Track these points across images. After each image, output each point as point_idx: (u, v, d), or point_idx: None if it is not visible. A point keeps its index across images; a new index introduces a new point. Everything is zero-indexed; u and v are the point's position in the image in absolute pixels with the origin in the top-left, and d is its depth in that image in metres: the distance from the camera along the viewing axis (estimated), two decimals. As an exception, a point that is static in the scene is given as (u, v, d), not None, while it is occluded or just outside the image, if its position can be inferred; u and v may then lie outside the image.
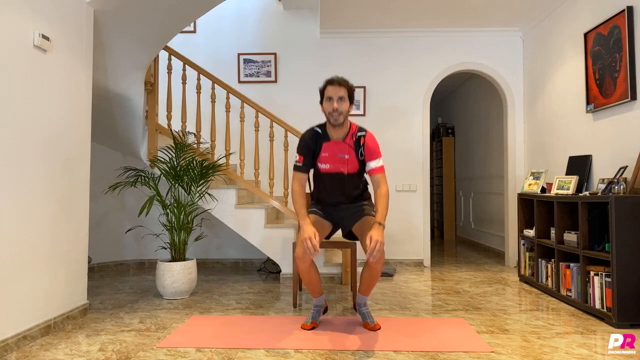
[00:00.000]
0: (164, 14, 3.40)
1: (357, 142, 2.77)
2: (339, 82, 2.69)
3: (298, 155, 2.80)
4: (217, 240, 5.04)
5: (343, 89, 2.68)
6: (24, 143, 2.50)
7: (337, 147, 2.77)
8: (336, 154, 2.77)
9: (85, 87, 3.10)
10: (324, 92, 2.73)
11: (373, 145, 2.78)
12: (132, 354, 2.37)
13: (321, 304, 2.95)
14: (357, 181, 2.88)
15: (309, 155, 2.79)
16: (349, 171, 2.79)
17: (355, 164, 2.79)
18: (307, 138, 2.80)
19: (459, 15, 4.85)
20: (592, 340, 2.59)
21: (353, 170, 2.80)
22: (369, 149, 2.77)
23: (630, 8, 3.34)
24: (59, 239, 2.81)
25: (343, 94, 2.67)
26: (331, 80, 2.71)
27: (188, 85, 4.59)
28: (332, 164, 2.79)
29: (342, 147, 2.77)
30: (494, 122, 5.97)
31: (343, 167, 2.79)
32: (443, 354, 2.37)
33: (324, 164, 2.80)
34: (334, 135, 2.78)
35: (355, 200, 2.92)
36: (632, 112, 3.35)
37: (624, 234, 2.84)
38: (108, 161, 4.71)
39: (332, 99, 2.66)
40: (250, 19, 5.32)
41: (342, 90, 2.68)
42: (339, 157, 2.77)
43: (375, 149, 2.78)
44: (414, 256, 5.22)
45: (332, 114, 2.67)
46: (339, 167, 2.79)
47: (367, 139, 2.78)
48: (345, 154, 2.77)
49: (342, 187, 2.85)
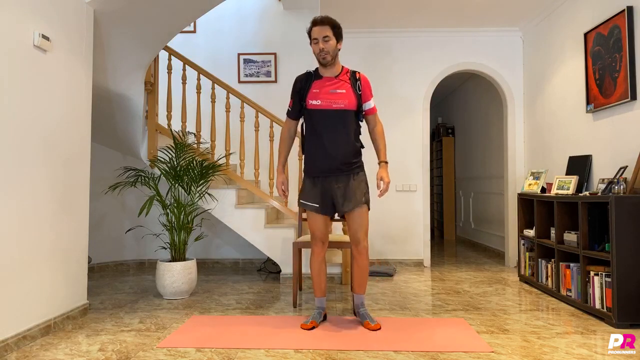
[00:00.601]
0: (164, 14, 3.40)
1: (353, 76, 2.77)
2: (322, 21, 2.68)
3: (290, 99, 2.84)
4: (217, 240, 5.04)
5: (327, 28, 2.67)
6: (24, 143, 2.50)
7: (329, 83, 2.74)
8: (328, 90, 2.72)
9: (85, 87, 3.10)
10: (311, 34, 2.71)
11: (368, 83, 2.80)
12: (132, 354, 2.37)
13: (323, 306, 2.95)
14: (351, 127, 2.75)
15: (297, 97, 2.79)
16: (344, 107, 2.70)
17: (353, 98, 2.72)
18: (298, 80, 2.81)
19: (459, 15, 4.85)
20: (592, 340, 2.59)
21: (349, 105, 2.71)
22: (365, 84, 2.77)
23: (630, 8, 3.34)
24: (59, 239, 2.81)
25: (328, 33, 2.67)
26: (315, 21, 2.70)
27: (188, 85, 4.59)
28: (323, 100, 2.70)
29: (335, 83, 2.74)
30: (494, 122, 5.97)
31: (337, 103, 2.70)
32: (443, 354, 2.37)
33: (314, 99, 2.71)
34: (326, 73, 2.77)
35: (350, 165, 2.74)
36: (632, 112, 3.35)
37: (624, 234, 2.84)
38: (108, 161, 4.71)
39: (317, 40, 2.67)
40: (250, 19, 5.32)
41: (327, 30, 2.67)
42: (331, 92, 2.71)
43: (369, 87, 2.81)
44: (414, 256, 5.22)
45: (320, 54, 2.68)
46: (331, 103, 2.69)
47: (362, 76, 2.79)
48: (341, 89, 2.72)
49: (333, 131, 2.70)
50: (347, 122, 2.73)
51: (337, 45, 2.72)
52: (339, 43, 2.73)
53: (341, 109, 2.70)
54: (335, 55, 2.72)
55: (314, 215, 2.81)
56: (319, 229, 2.81)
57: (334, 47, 2.69)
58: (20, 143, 2.47)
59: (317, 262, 2.86)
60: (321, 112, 2.71)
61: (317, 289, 2.91)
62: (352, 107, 2.73)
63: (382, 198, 5.23)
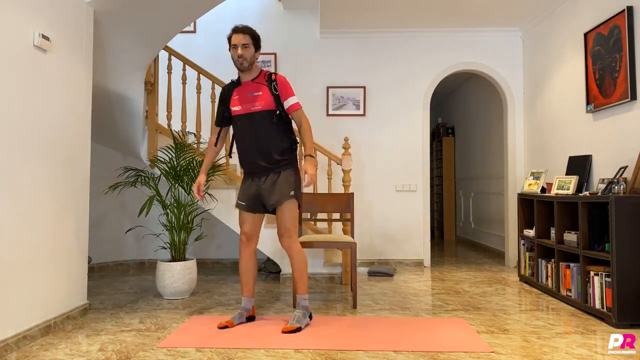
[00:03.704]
0: (164, 14, 3.40)
1: (269, 79, 2.87)
2: (243, 30, 2.81)
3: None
4: (217, 240, 5.04)
5: (247, 37, 2.80)
6: (24, 143, 2.50)
7: (247, 87, 2.87)
8: (246, 94, 2.85)
9: (85, 87, 3.10)
10: (230, 40, 2.83)
11: (285, 82, 2.87)
12: (132, 354, 2.37)
13: (248, 307, 2.95)
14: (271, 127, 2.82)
15: (222, 106, 2.94)
16: (262, 107, 2.81)
17: (270, 99, 2.81)
18: (223, 90, 2.96)
19: (459, 15, 4.85)
20: (592, 340, 2.59)
21: (267, 106, 2.80)
22: (281, 84, 2.85)
23: (630, 8, 3.34)
24: (59, 239, 2.81)
25: (247, 42, 2.79)
26: (235, 29, 2.83)
27: (188, 85, 4.59)
28: (243, 105, 2.85)
29: (252, 87, 2.86)
30: (494, 122, 5.97)
31: (255, 105, 2.81)
32: (443, 354, 2.37)
33: (235, 106, 2.87)
34: (245, 78, 2.90)
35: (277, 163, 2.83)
36: (632, 112, 3.35)
37: (624, 234, 2.84)
38: (108, 161, 4.71)
39: (236, 47, 2.79)
40: (250, 19, 5.31)
41: (246, 38, 2.80)
42: (249, 96, 2.84)
43: (287, 85, 2.87)
44: (414, 256, 5.22)
45: (237, 60, 2.81)
46: (250, 106, 2.83)
47: (279, 77, 2.88)
48: (257, 91, 2.84)
49: (254, 133, 2.82)
50: (268, 123, 2.83)
51: (255, 53, 2.86)
52: (257, 52, 2.88)
53: (259, 111, 2.82)
54: (253, 62, 2.86)
55: (241, 212, 2.94)
56: (248, 225, 2.92)
57: (251, 55, 2.83)
58: (21, 143, 2.47)
59: (243, 260, 2.94)
60: (242, 116, 2.86)
61: (244, 288, 2.96)
62: (270, 107, 2.82)
63: (383, 198, 5.23)
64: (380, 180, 5.27)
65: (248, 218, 2.92)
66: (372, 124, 5.27)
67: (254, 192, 2.88)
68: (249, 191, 2.90)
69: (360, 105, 5.29)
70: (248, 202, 2.90)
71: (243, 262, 2.94)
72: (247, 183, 2.93)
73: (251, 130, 2.83)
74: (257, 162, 2.84)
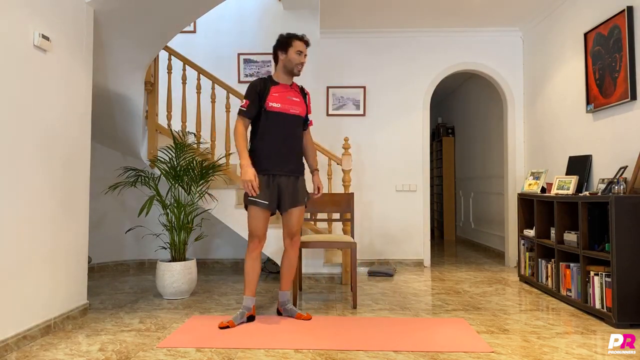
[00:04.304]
0: (163, 14, 3.40)
1: (302, 91, 3.08)
2: (307, 43, 3.00)
3: (244, 100, 2.92)
4: (217, 240, 5.04)
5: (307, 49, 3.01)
6: (24, 143, 2.50)
7: (287, 90, 2.98)
8: (285, 96, 2.95)
9: (85, 87, 3.10)
10: (292, 44, 2.93)
11: (310, 99, 3.13)
12: (132, 354, 2.37)
13: (250, 306, 2.94)
14: (300, 133, 3.03)
15: (256, 99, 2.91)
16: (299, 113, 2.97)
17: (303, 108, 3.02)
18: (256, 84, 2.95)
19: (459, 15, 4.85)
20: (592, 340, 2.59)
21: (302, 113, 3.00)
22: (309, 99, 3.11)
23: (630, 8, 3.34)
24: (59, 239, 2.81)
25: (306, 54, 3.01)
26: (302, 37, 2.98)
27: (188, 85, 4.58)
28: (282, 104, 2.92)
29: (291, 91, 3.00)
30: (494, 122, 5.97)
31: (293, 109, 2.95)
32: (443, 354, 2.37)
33: (275, 102, 2.91)
34: (282, 81, 2.99)
35: (298, 167, 2.99)
36: (632, 112, 3.35)
37: (624, 234, 2.84)
38: (108, 161, 4.71)
39: (302, 53, 2.95)
40: (250, 19, 5.31)
41: (306, 51, 3.01)
42: (288, 98, 2.95)
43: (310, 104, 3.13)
44: (414, 256, 5.22)
45: (298, 66, 2.95)
46: (289, 108, 2.94)
47: (308, 92, 3.12)
48: (296, 97, 3.00)
49: (291, 134, 2.94)
50: (299, 128, 3.02)
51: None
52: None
53: (296, 115, 2.97)
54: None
55: (260, 211, 2.87)
56: (264, 226, 2.91)
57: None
58: (21, 143, 2.47)
59: (252, 259, 2.91)
60: (280, 114, 2.92)
61: (248, 287, 2.93)
62: (303, 115, 3.02)
63: (383, 198, 5.23)
64: (380, 180, 5.27)
65: (266, 218, 2.90)
66: (372, 124, 5.27)
67: (276, 193, 2.90)
68: (271, 191, 2.89)
69: (360, 105, 5.29)
70: (271, 202, 2.89)
71: (251, 261, 2.91)
72: (266, 182, 2.88)
73: (286, 130, 2.92)
74: (285, 161, 2.92)
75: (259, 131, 2.92)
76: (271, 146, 2.89)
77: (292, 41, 2.94)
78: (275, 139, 2.90)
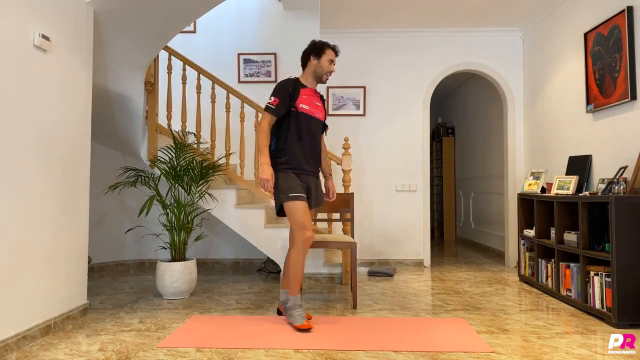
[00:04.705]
0: (163, 14, 3.40)
1: (322, 98, 3.17)
2: (338, 54, 3.10)
3: (274, 98, 2.91)
4: (217, 240, 5.04)
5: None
6: (24, 143, 2.50)
7: (312, 94, 3.05)
8: (312, 99, 3.03)
9: (85, 87, 3.10)
10: (326, 52, 3.01)
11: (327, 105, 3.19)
12: (132, 354, 2.37)
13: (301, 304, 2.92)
14: (320, 136, 3.12)
15: (287, 99, 2.93)
16: (321, 117, 3.07)
17: (323, 113, 3.11)
18: (287, 84, 2.99)
19: (459, 15, 4.85)
20: (592, 340, 2.59)
21: (323, 117, 3.10)
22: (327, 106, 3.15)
23: (630, 8, 3.34)
24: (59, 239, 2.81)
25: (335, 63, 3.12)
26: (334, 47, 3.06)
27: (188, 85, 4.59)
28: (310, 107, 2.99)
29: (316, 96, 3.09)
30: (494, 122, 5.97)
31: (317, 113, 3.04)
32: (443, 354, 2.37)
33: (305, 104, 2.97)
34: (309, 85, 3.07)
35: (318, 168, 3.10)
36: (632, 112, 3.35)
37: (624, 234, 2.84)
38: (108, 161, 4.70)
39: (332, 62, 3.04)
40: (250, 19, 5.32)
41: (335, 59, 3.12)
42: (314, 102, 3.04)
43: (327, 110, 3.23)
44: (414, 256, 5.22)
45: (327, 74, 3.05)
46: (314, 111, 3.02)
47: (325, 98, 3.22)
48: (320, 102, 3.10)
49: (315, 136, 3.02)
50: (321, 133, 3.12)
51: None
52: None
53: (320, 119, 3.07)
54: None
55: (304, 205, 2.86)
56: (309, 218, 2.90)
57: None
58: (21, 143, 2.47)
59: (305, 255, 2.88)
60: (308, 117, 2.98)
61: (297, 285, 2.90)
62: (323, 119, 3.11)
63: (383, 198, 5.23)
64: (380, 180, 5.27)
65: (308, 211, 2.89)
66: (372, 124, 5.27)
67: (307, 188, 2.97)
68: (304, 187, 2.93)
69: (360, 105, 5.28)
70: (307, 195, 2.95)
71: (303, 257, 2.88)
72: (301, 179, 2.93)
73: (312, 133, 3.00)
74: (311, 162, 3.00)
75: (290, 131, 2.93)
76: (302, 146, 2.94)
77: (325, 49, 3.01)
78: (305, 139, 2.95)
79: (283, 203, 2.86)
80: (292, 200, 2.83)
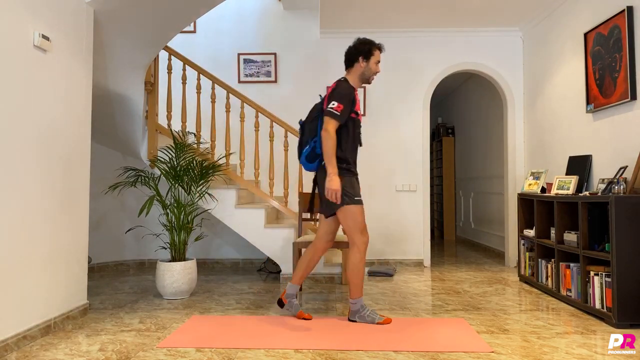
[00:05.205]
0: (164, 14, 3.40)
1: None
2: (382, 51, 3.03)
3: (337, 103, 2.79)
4: (217, 240, 5.04)
5: None
6: (24, 143, 2.50)
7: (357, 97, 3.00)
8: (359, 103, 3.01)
9: (85, 87, 3.10)
10: (374, 53, 2.94)
11: None
12: (132, 354, 2.37)
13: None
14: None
15: (349, 105, 2.84)
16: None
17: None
18: (350, 90, 2.88)
19: (459, 15, 4.85)
20: (592, 340, 2.59)
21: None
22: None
23: (630, 8, 3.34)
24: (59, 239, 2.81)
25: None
26: (381, 46, 2.98)
27: (188, 85, 4.59)
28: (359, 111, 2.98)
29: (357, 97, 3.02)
30: (494, 122, 5.97)
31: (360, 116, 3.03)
32: (443, 354, 2.37)
33: (359, 109, 2.96)
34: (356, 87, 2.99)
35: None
36: (632, 112, 3.35)
37: (624, 234, 2.84)
38: (108, 161, 4.71)
39: (379, 63, 2.98)
40: (250, 19, 5.32)
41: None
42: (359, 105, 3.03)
43: None
44: (414, 256, 5.22)
45: (374, 76, 2.99)
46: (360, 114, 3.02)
47: None
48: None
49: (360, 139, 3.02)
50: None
51: None
52: None
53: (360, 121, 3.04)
54: None
55: (361, 208, 2.90)
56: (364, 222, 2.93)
57: None
58: (20, 143, 2.47)
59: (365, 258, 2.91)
60: (359, 122, 2.98)
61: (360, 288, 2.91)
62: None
63: (383, 198, 5.23)
64: (380, 180, 5.27)
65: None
66: (372, 124, 5.27)
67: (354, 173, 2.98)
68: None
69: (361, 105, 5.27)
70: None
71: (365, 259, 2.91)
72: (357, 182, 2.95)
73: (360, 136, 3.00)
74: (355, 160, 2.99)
75: (349, 137, 2.90)
76: (352, 151, 2.93)
77: (374, 50, 2.93)
78: (355, 144, 2.94)
79: (346, 205, 2.83)
80: (357, 204, 2.86)
